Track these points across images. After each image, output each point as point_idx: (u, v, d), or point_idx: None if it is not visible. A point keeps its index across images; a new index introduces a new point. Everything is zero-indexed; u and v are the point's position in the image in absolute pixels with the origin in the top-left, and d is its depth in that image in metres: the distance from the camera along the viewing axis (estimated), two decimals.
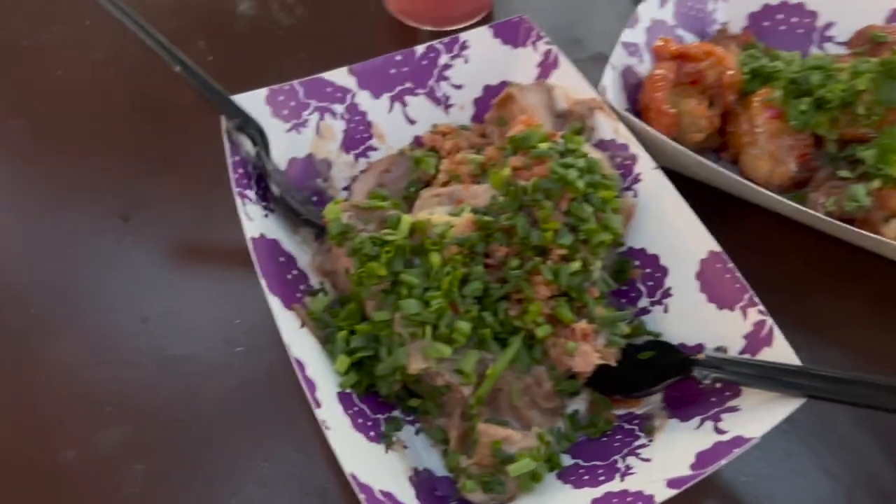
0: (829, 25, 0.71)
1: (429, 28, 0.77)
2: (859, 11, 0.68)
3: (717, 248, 0.50)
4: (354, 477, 0.41)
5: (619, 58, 0.62)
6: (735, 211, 0.62)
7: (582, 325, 0.49)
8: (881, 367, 0.55)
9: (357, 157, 0.62)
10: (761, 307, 0.47)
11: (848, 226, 0.55)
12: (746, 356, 0.47)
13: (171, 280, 0.59)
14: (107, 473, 0.50)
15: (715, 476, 0.46)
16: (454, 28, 0.77)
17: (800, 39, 0.72)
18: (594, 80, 0.62)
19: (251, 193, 0.54)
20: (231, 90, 0.70)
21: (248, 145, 0.56)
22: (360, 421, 0.47)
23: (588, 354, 0.48)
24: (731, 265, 0.49)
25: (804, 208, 0.56)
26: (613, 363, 0.49)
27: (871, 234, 0.55)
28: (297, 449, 0.51)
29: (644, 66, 0.65)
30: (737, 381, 0.46)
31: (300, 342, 0.47)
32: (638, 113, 0.63)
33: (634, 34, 0.65)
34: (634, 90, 0.64)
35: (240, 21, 0.78)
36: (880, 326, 0.58)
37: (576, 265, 0.49)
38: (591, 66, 0.74)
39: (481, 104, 0.64)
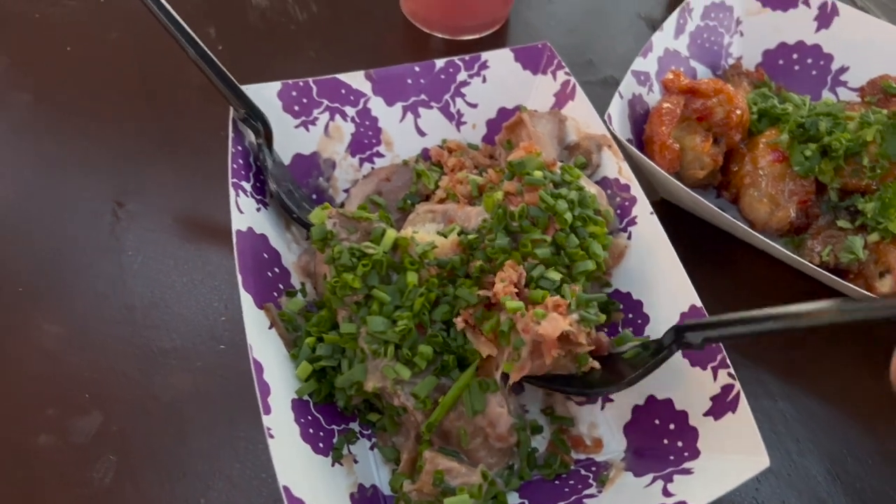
0: (843, 70, 0.70)
1: (441, 35, 0.77)
2: (875, 59, 0.68)
3: (698, 303, 0.49)
4: (287, 490, 0.40)
5: (628, 86, 0.62)
6: (729, 247, 0.62)
7: (555, 298, 0.46)
8: (863, 418, 0.55)
9: (362, 161, 0.62)
10: (731, 370, 0.47)
11: (841, 280, 0.55)
12: (733, 315, 0.44)
13: (160, 270, 0.59)
14: (80, 462, 0.49)
15: None
16: (466, 38, 0.77)
17: (813, 81, 0.72)
18: (602, 104, 0.61)
19: (247, 186, 0.54)
20: (239, 81, 0.70)
21: (251, 137, 0.56)
22: (311, 431, 0.47)
23: (556, 320, 0.44)
24: None
25: (798, 257, 0.56)
26: (584, 342, 0.47)
27: (863, 291, 0.55)
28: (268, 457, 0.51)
29: (653, 97, 0.65)
30: (725, 338, 0.45)
31: (264, 344, 0.47)
32: (642, 143, 0.63)
33: (646, 63, 0.64)
34: (641, 119, 0.64)
35: (253, 12, 0.77)
36: (868, 378, 0.57)
37: (553, 275, 0.47)
38: (601, 89, 0.74)
39: (493, 125, 0.64)
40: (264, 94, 0.57)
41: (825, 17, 0.70)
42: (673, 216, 0.61)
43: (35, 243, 0.59)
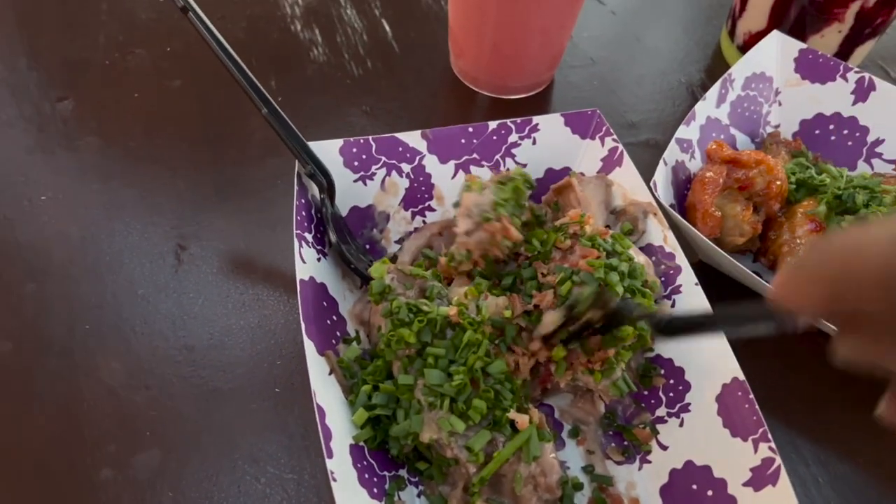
0: (879, 142, 0.72)
1: (489, 94, 0.80)
2: None
3: (741, 375, 0.51)
4: None
5: (671, 153, 0.65)
6: None
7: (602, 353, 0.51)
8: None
9: (414, 214, 0.65)
10: (772, 444, 0.48)
11: None
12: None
13: (219, 313, 0.61)
14: (139, 497, 0.52)
15: None
16: (512, 97, 0.80)
17: (849, 151, 0.74)
18: (643, 164, 0.64)
19: (309, 237, 0.56)
20: (298, 130, 0.74)
21: (315, 191, 0.59)
22: (366, 476, 0.48)
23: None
24: (751, 396, 0.50)
25: (829, 323, 0.57)
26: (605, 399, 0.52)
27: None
28: (319, 499, 0.53)
29: (695, 163, 0.68)
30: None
31: (325, 389, 0.49)
32: (684, 208, 0.65)
33: (689, 131, 0.67)
34: (683, 184, 0.66)
35: (312, 66, 0.81)
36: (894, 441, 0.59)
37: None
38: (642, 150, 0.77)
39: (541, 184, 0.66)
40: (327, 150, 0.60)
41: (862, 91, 0.72)
42: (710, 277, 0.63)
43: (101, 283, 0.62)
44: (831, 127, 0.74)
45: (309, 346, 0.50)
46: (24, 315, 0.60)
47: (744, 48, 0.84)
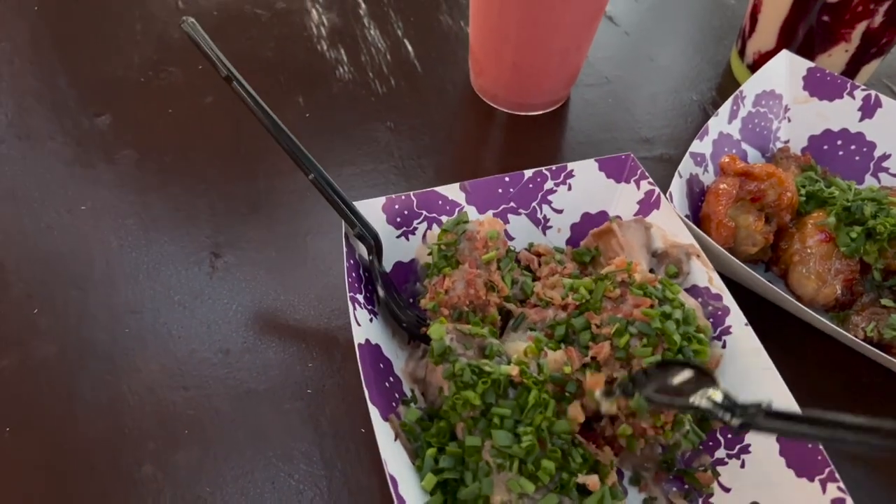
0: (885, 157, 0.75)
1: (507, 111, 0.83)
2: None
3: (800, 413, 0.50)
4: None
5: (686, 167, 0.67)
6: (777, 317, 0.65)
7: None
8: None
9: None
10: (841, 484, 0.47)
11: (884, 354, 0.58)
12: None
13: (252, 318, 0.64)
14: (179, 492, 0.54)
15: None
16: (530, 114, 0.83)
17: (856, 166, 0.76)
18: (658, 178, 0.67)
19: (361, 298, 0.56)
20: (323, 146, 0.77)
21: (362, 250, 0.60)
22: None
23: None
24: None
25: (843, 331, 0.60)
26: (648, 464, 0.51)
27: None
28: (351, 495, 0.55)
29: (708, 176, 0.70)
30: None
31: (392, 456, 0.48)
32: (699, 219, 0.68)
33: (702, 146, 0.70)
34: (698, 196, 0.69)
35: (337, 84, 0.84)
36: None
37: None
38: (657, 165, 0.80)
39: (578, 229, 0.67)
40: (371, 208, 0.61)
41: (869, 108, 0.75)
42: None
43: (139, 289, 0.65)
44: (839, 142, 0.77)
45: (374, 413, 0.49)
46: (68, 320, 0.63)
47: (754, 67, 0.87)
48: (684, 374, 0.46)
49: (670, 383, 0.46)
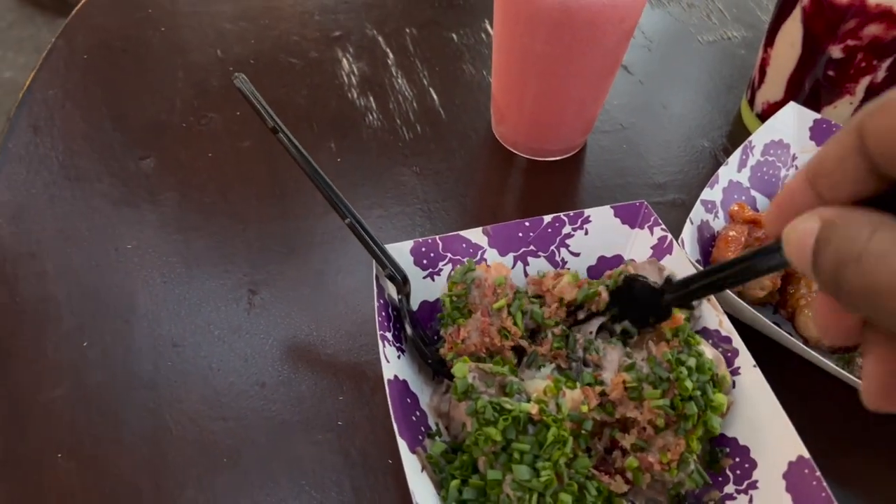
0: None
1: (527, 157, 0.88)
2: None
3: (806, 454, 0.52)
4: None
5: (697, 214, 0.71)
6: (782, 357, 0.68)
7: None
8: None
9: None
10: None
11: None
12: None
13: (288, 353, 0.68)
14: None
15: None
16: (548, 159, 0.88)
17: None
18: (670, 222, 0.70)
19: (390, 335, 0.60)
20: (355, 188, 0.81)
21: (391, 290, 0.63)
22: None
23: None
24: (818, 473, 0.52)
25: (846, 373, 0.62)
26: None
27: None
28: None
29: (718, 222, 0.74)
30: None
31: (418, 487, 0.51)
32: (709, 264, 0.71)
33: (713, 193, 0.74)
34: (708, 242, 0.73)
35: (367, 130, 0.89)
36: None
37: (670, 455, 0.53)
38: (669, 209, 0.83)
39: (594, 270, 0.70)
40: (400, 251, 0.65)
41: None
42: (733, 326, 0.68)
43: (181, 324, 0.70)
44: None
45: (402, 446, 0.52)
46: (115, 352, 0.67)
47: (762, 116, 0.91)
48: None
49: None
